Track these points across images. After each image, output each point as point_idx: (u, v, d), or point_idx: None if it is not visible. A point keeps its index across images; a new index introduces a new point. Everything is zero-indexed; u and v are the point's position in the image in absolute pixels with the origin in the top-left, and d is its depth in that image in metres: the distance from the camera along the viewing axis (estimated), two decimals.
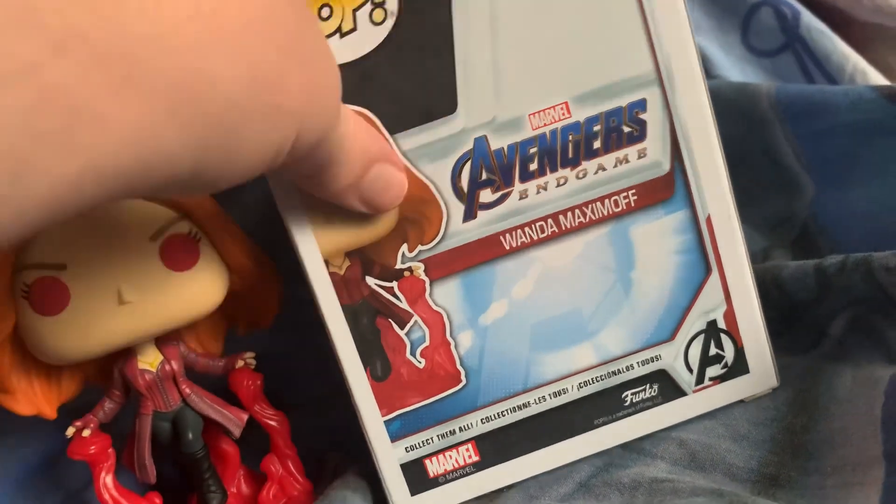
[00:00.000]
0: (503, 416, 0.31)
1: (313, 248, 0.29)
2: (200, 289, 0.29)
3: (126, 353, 0.30)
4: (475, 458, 0.31)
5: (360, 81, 0.28)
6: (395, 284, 0.30)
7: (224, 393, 0.33)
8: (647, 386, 0.31)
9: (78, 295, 0.27)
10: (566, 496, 0.30)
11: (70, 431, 0.30)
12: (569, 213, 0.30)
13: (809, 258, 0.34)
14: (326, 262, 0.29)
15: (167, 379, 0.30)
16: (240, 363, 0.32)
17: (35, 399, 0.30)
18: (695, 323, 0.31)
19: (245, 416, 0.32)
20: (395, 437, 0.31)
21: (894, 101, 0.35)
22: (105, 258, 0.27)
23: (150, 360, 0.30)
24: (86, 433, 0.30)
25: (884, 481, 0.25)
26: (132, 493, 0.31)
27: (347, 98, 0.27)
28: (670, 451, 0.31)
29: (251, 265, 0.30)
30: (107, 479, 0.30)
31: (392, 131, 0.28)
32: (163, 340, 0.31)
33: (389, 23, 0.27)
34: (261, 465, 0.33)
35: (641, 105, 0.29)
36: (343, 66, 0.27)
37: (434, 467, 0.31)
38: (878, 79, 0.44)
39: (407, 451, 0.31)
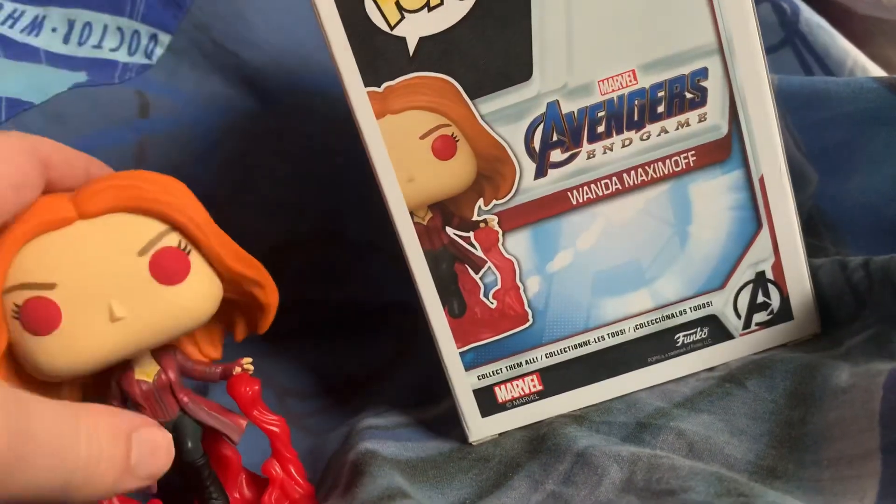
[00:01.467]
0: (565, 352, 0.35)
1: (400, 201, 0.32)
2: (192, 301, 0.29)
3: (123, 365, 0.30)
4: (539, 388, 0.35)
5: (444, 51, 0.31)
6: (471, 234, 0.33)
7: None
8: (698, 329, 0.35)
9: (69, 313, 0.27)
10: (566, 472, 0.31)
11: None
12: (632, 172, 0.33)
13: (814, 247, 0.34)
14: (412, 214, 0.33)
15: (164, 389, 0.31)
16: (237, 369, 0.32)
17: None
18: (745, 273, 0.34)
19: (244, 423, 0.32)
20: (468, 367, 0.35)
21: (895, 91, 0.36)
22: (94, 275, 0.27)
23: (146, 371, 0.30)
24: None
25: (881, 475, 0.25)
26: (131, 500, 0.32)
27: (433, 66, 0.30)
28: (668, 442, 0.31)
29: (244, 274, 0.30)
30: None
31: (472, 96, 0.31)
32: (159, 351, 0.31)
33: None
34: (262, 469, 0.33)
35: (703, 73, 0.31)
36: (430, 38, 0.30)
37: (502, 394, 0.35)
38: (878, 73, 0.44)
39: (479, 379, 0.35)
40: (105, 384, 0.31)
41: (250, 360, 0.33)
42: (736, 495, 0.26)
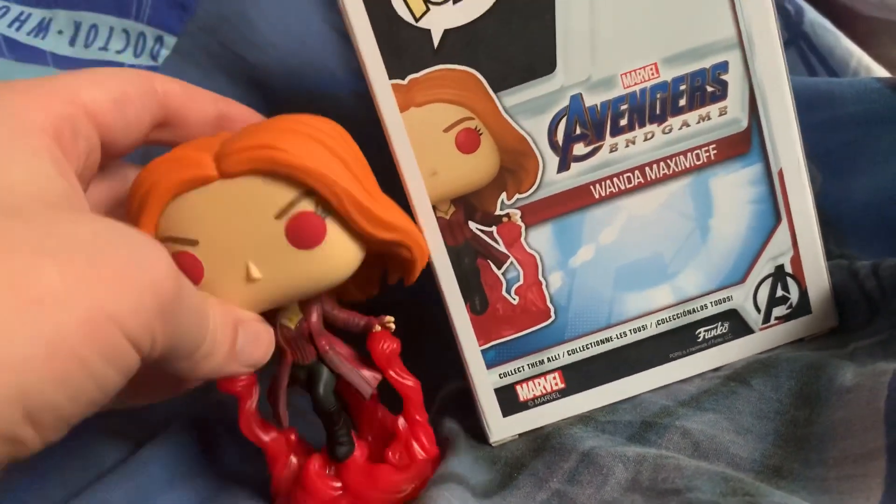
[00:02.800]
0: (587, 348, 0.34)
1: (423, 195, 0.32)
2: (328, 265, 0.29)
3: (271, 311, 0.31)
4: (561, 386, 0.35)
5: (469, 43, 0.31)
6: (494, 229, 0.33)
7: None
8: (719, 324, 0.35)
9: (210, 269, 0.28)
10: (571, 471, 0.31)
11: None
12: (654, 166, 0.33)
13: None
14: (434, 209, 0.32)
15: (304, 335, 0.31)
16: (377, 327, 0.32)
17: None
18: (764, 267, 0.34)
19: (377, 379, 0.32)
20: (490, 365, 0.34)
21: None
22: (233, 236, 0.28)
23: (290, 318, 0.31)
24: None
25: (886, 474, 0.25)
26: (270, 426, 0.33)
27: (458, 59, 0.30)
28: (674, 441, 0.31)
29: (383, 239, 0.29)
30: (248, 411, 0.32)
31: (496, 89, 0.31)
32: (305, 300, 0.31)
33: None
34: (391, 426, 0.34)
35: (724, 67, 0.32)
36: (454, 30, 0.30)
37: (524, 392, 0.35)
38: (882, 73, 0.44)
39: (500, 378, 0.34)
40: None
41: (392, 319, 0.33)
42: (741, 495, 0.26)
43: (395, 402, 0.34)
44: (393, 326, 0.32)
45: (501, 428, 0.35)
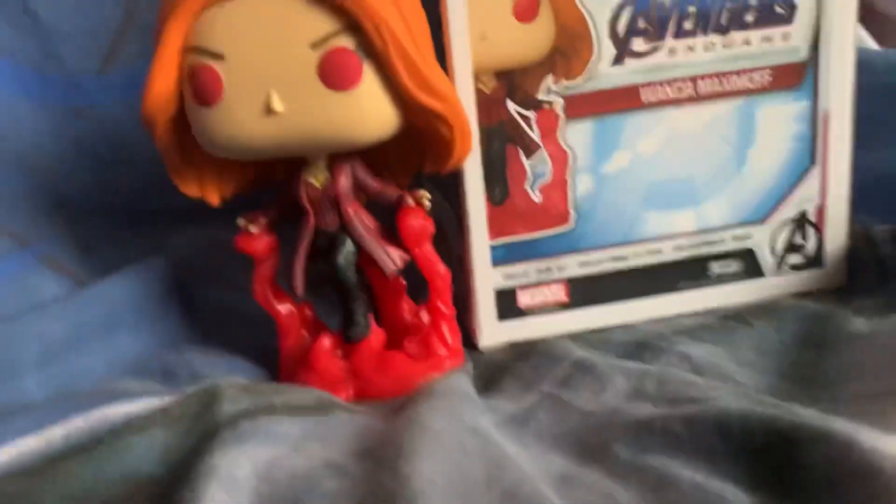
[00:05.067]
0: (599, 263, 0.32)
1: (467, 60, 0.29)
2: (357, 115, 0.26)
3: (299, 165, 0.29)
4: (564, 299, 0.33)
5: None
6: (532, 114, 0.30)
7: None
8: (734, 261, 0.33)
9: (231, 90, 0.26)
10: (564, 377, 0.29)
11: (241, 223, 0.29)
12: (708, 80, 0.31)
13: None
14: (475, 79, 0.29)
15: (330, 198, 0.29)
16: (410, 200, 0.29)
17: (202, 184, 0.29)
18: (789, 210, 0.33)
19: (403, 259, 0.30)
20: (497, 262, 0.32)
21: None
22: (263, 57, 0.25)
23: (317, 176, 0.29)
24: (252, 229, 0.29)
25: None
26: (286, 295, 0.31)
27: None
28: (673, 364, 0.30)
29: (423, 103, 0.26)
30: (264, 275, 0.30)
31: None
32: (336, 157, 0.29)
33: None
34: (412, 313, 0.31)
35: None
36: None
37: (525, 299, 0.32)
38: None
39: (504, 279, 0.32)
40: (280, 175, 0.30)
41: (428, 195, 0.29)
42: (770, 405, 0.24)
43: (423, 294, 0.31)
44: (428, 204, 0.29)
45: (494, 332, 0.33)
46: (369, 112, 0.26)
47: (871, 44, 0.45)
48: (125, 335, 0.31)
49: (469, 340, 0.33)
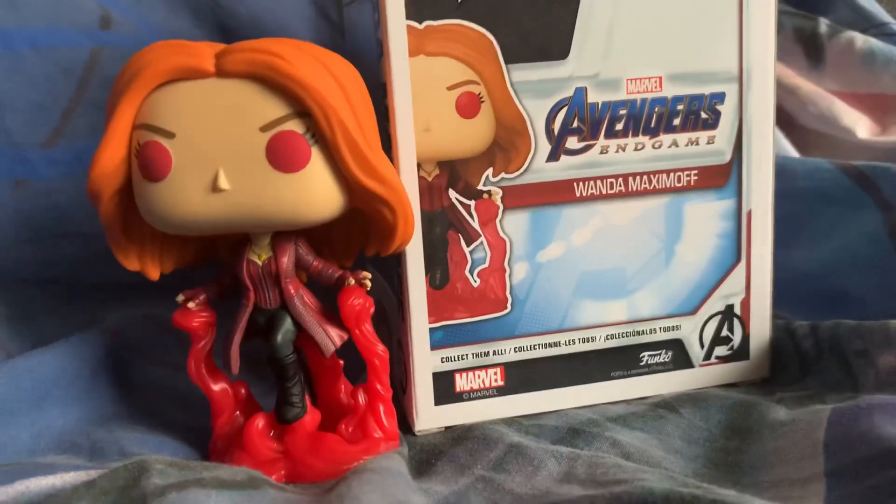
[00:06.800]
0: (535, 349, 0.33)
1: (411, 149, 0.30)
2: (303, 197, 0.26)
3: (241, 242, 0.29)
4: (500, 383, 0.33)
5: (492, 8, 0.30)
6: (473, 203, 0.32)
7: None
8: (664, 351, 0.34)
9: (179, 167, 0.26)
10: (497, 460, 0.30)
11: (179, 299, 0.29)
12: (637, 178, 0.33)
13: None
14: (419, 166, 0.31)
15: (271, 276, 0.29)
16: (351, 281, 0.29)
17: (143, 258, 0.29)
18: (716, 303, 0.34)
19: (342, 338, 0.30)
20: (434, 346, 0.32)
21: (848, 174, 0.39)
22: (213, 137, 0.26)
23: (259, 253, 0.29)
24: (191, 305, 0.29)
25: (825, 497, 0.25)
26: (220, 373, 0.30)
27: (478, 19, 0.30)
28: (603, 449, 0.31)
29: (367, 187, 0.27)
30: (200, 352, 0.29)
31: (508, 61, 0.31)
32: (278, 236, 0.29)
33: None
34: (348, 394, 0.31)
35: (721, 98, 0.33)
36: None
37: (462, 382, 0.33)
38: None
39: (442, 362, 0.32)
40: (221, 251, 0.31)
41: (369, 276, 0.29)
42: (693, 486, 0.25)
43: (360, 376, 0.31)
44: (369, 284, 0.30)
45: (430, 416, 0.33)
46: (315, 193, 0.27)
47: (793, 152, 0.49)
48: (54, 409, 0.30)
49: (405, 423, 0.33)
